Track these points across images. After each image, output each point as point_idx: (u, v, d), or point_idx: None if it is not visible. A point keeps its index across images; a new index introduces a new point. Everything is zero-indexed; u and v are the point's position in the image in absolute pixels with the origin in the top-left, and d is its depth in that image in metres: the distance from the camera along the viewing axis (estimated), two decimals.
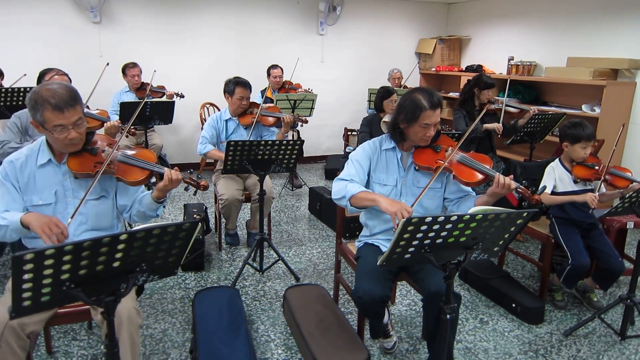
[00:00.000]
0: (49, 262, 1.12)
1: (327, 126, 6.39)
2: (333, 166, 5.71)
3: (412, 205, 1.98)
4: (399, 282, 2.80)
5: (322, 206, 4.21)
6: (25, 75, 3.92)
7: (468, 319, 2.71)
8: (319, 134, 6.37)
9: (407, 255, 1.59)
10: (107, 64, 4.04)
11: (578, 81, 4.54)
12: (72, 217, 1.77)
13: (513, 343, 2.49)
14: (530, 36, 5.49)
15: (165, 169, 1.84)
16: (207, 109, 5.44)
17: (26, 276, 1.12)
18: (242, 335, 2.21)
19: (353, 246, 2.52)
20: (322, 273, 3.23)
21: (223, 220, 3.54)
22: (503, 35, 5.90)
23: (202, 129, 5.34)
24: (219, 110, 5.52)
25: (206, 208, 3.74)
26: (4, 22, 4.83)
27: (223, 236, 3.64)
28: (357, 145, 3.51)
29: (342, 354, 2.09)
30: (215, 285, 2.99)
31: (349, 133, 4.78)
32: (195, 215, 3.49)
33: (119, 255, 1.24)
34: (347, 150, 4.45)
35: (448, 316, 1.65)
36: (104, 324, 1.67)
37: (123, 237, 1.20)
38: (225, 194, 3.25)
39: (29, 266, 1.10)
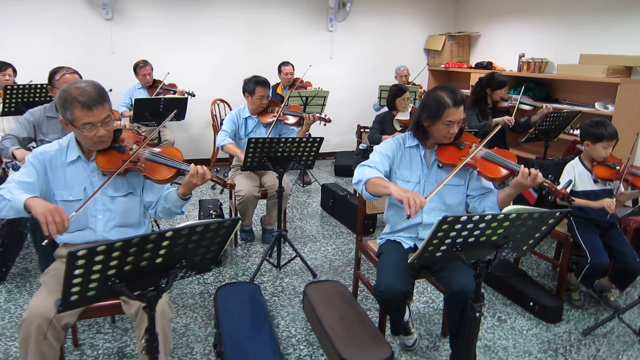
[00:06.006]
0: (99, 258, 1.14)
1: (335, 123, 6.31)
2: (343, 163, 5.72)
3: (426, 197, 1.93)
4: (416, 280, 2.82)
5: (335, 203, 4.23)
6: (31, 80, 3.91)
7: (486, 317, 2.73)
8: (328, 131, 6.30)
9: (439, 254, 1.61)
10: (110, 90, 3.82)
11: (591, 78, 4.54)
12: (83, 205, 1.74)
13: (532, 342, 2.50)
14: (541, 32, 5.47)
15: (192, 165, 1.84)
16: (218, 105, 5.45)
17: (77, 272, 1.14)
18: (266, 331, 2.24)
19: (373, 243, 2.54)
20: (339, 269, 3.25)
21: (238, 216, 3.56)
22: (513, 31, 5.88)
23: (212, 125, 5.41)
24: (229, 106, 5.56)
25: (221, 204, 3.75)
26: (17, 19, 4.84)
27: (238, 232, 3.66)
28: (368, 142, 3.46)
29: (367, 350, 2.11)
30: (233, 280, 3.02)
31: (362, 130, 4.79)
32: (211, 212, 3.51)
33: (162, 251, 1.26)
34: (360, 147, 4.45)
35: (477, 314, 1.67)
36: (139, 317, 1.71)
37: (169, 234, 1.22)
38: (242, 190, 3.27)
39: (81, 262, 1.12)
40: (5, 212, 1.66)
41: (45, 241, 1.51)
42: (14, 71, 4.10)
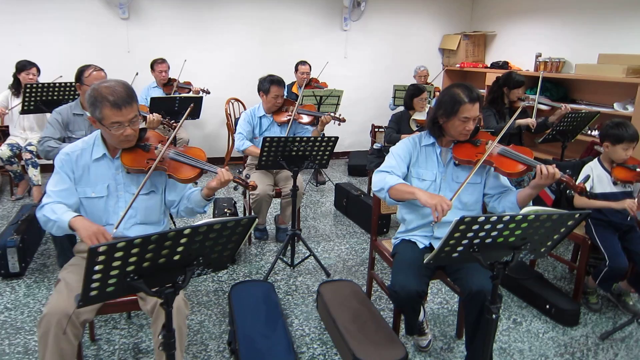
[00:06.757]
0: (119, 254, 1.16)
1: (349, 122, 6.29)
2: (357, 162, 5.71)
3: (451, 199, 1.99)
4: (431, 280, 2.80)
5: (349, 202, 4.22)
6: (61, 76, 4.06)
7: (501, 319, 2.70)
8: (342, 130, 6.29)
9: (455, 254, 1.60)
10: (137, 74, 4.34)
11: (610, 79, 4.46)
12: (125, 213, 1.82)
13: (548, 345, 2.47)
14: (559, 32, 5.39)
15: (218, 168, 1.87)
16: (232, 104, 5.49)
17: (97, 267, 1.16)
18: (280, 329, 2.25)
19: (387, 243, 2.53)
20: (352, 269, 3.24)
21: (253, 214, 3.57)
22: (530, 30, 5.80)
23: (227, 124, 5.45)
24: (243, 105, 5.59)
25: (235, 202, 3.78)
26: (35, 18, 4.92)
27: (252, 230, 3.68)
28: (384, 141, 3.44)
29: (380, 350, 2.10)
30: (247, 279, 3.03)
31: (376, 129, 4.77)
32: (225, 210, 3.53)
33: (180, 248, 1.27)
34: (374, 147, 4.44)
35: (494, 316, 1.65)
36: (155, 314, 1.73)
37: (187, 231, 1.23)
38: (256, 189, 3.27)
39: (101, 258, 1.14)
40: (54, 231, 1.74)
41: None
42: (38, 71, 4.18)
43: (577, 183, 1.98)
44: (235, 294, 2.52)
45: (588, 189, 2.60)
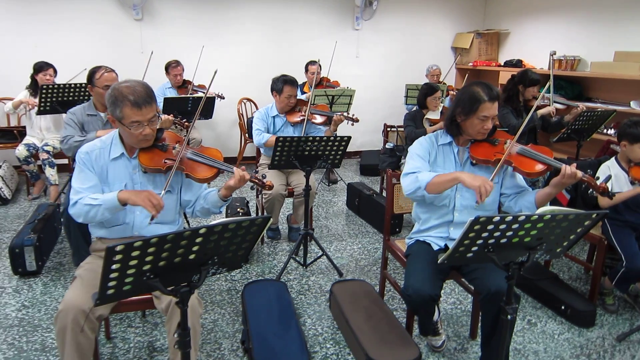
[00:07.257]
0: (135, 253, 1.17)
1: (361, 122, 6.27)
2: (369, 162, 5.70)
3: (491, 179, 1.97)
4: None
5: (361, 202, 4.21)
6: (85, 69, 4.08)
7: (515, 320, 2.67)
8: (353, 130, 6.28)
9: (470, 254, 1.58)
10: (152, 52, 4.28)
11: (626, 76, 4.39)
12: (165, 187, 1.86)
13: (564, 346, 2.44)
14: (573, 29, 5.31)
15: (236, 168, 1.89)
16: (244, 104, 5.51)
17: (114, 266, 1.17)
18: (293, 328, 2.25)
19: (401, 242, 2.52)
20: (365, 269, 3.24)
21: (267, 214, 3.58)
22: (544, 28, 5.73)
23: (239, 124, 5.48)
24: (256, 105, 5.61)
25: (248, 202, 3.79)
26: (52, 19, 5.00)
27: (265, 230, 3.68)
28: (405, 140, 3.36)
29: (394, 350, 2.10)
30: (260, 278, 3.04)
31: (389, 129, 4.75)
32: (238, 209, 3.55)
33: (195, 248, 1.28)
34: (387, 146, 4.42)
35: (509, 317, 1.64)
36: (169, 312, 1.75)
37: (202, 231, 1.24)
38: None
39: (118, 257, 1.15)
40: (100, 216, 1.77)
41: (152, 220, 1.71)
42: (55, 72, 4.25)
43: (599, 183, 1.95)
44: (248, 293, 2.53)
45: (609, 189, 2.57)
